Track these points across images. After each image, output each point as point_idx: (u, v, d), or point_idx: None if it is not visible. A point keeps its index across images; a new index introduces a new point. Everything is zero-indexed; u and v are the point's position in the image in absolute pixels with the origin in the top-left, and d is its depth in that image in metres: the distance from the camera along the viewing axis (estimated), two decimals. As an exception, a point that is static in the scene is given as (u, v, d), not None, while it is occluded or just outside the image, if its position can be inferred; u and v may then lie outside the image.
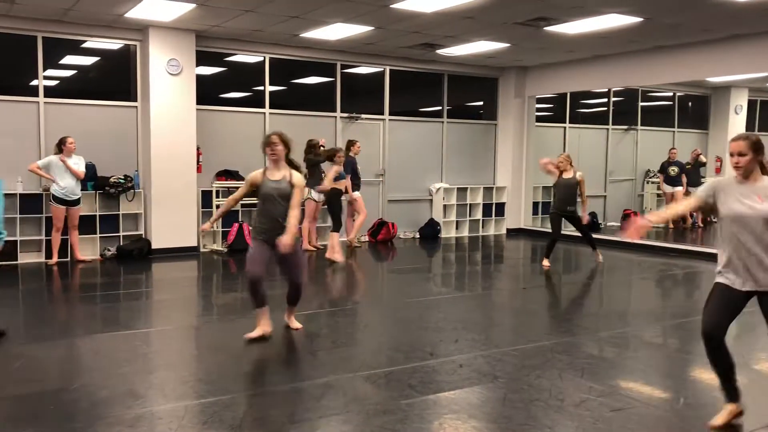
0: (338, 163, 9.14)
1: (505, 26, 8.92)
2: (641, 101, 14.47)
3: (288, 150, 5.11)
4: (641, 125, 14.52)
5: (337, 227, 9.35)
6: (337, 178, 9.21)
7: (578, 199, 9.00)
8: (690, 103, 15.39)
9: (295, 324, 5.55)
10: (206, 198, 9.98)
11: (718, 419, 3.53)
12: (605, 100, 14.26)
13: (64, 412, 3.72)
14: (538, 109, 13.27)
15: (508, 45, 10.29)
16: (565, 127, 13.71)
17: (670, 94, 14.78)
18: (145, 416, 3.70)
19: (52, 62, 9.30)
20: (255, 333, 5.14)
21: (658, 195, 13.94)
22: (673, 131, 14.81)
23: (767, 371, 4.84)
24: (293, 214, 4.97)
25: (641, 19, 8.40)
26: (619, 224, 13.80)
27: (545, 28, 8.96)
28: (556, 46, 10.28)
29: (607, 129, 14.25)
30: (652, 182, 14.16)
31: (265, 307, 5.20)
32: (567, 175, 8.85)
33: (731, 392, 3.54)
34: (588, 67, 11.48)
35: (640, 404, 3.96)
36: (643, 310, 6.88)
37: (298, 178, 5.09)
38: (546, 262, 8.91)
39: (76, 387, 4.09)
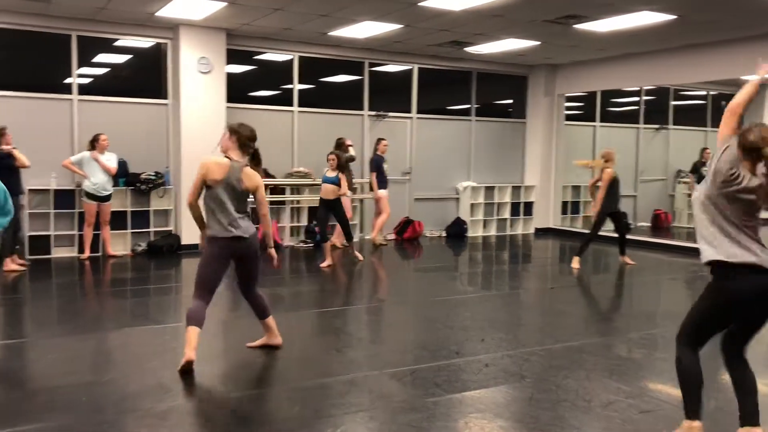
0: (330, 167, 8.57)
1: (534, 24, 8.86)
2: (673, 100, 14.25)
3: (237, 139, 4.54)
4: (673, 124, 14.29)
5: (347, 237, 8.90)
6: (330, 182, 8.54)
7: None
8: (723, 102, 14.97)
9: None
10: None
11: None
12: (636, 98, 14.07)
13: (96, 404, 3.79)
14: (568, 108, 13.15)
15: (538, 43, 10.21)
16: (595, 126, 13.56)
17: (704, 92, 14.52)
18: (174, 409, 3.75)
19: (85, 60, 9.46)
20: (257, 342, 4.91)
21: (689, 195, 13.71)
22: (706, 131, 14.55)
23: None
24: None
25: (674, 17, 8.28)
26: (649, 224, 13.62)
27: (575, 26, 8.88)
28: (587, 44, 10.18)
29: (638, 128, 14.05)
30: (684, 182, 13.94)
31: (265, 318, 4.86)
32: (614, 173, 8.68)
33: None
34: (619, 66, 11.34)
35: (669, 406, 3.90)
36: (673, 311, 6.76)
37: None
38: (576, 262, 8.78)
39: (107, 380, 4.17)
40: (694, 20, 8.46)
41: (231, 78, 9.94)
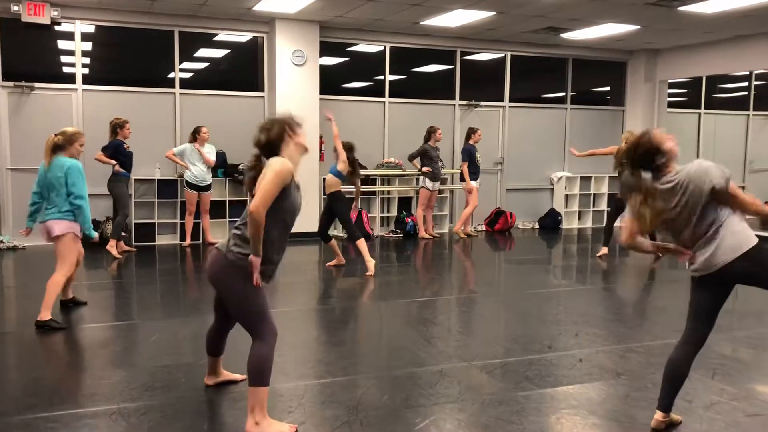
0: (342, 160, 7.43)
1: (635, 7, 8.49)
2: (788, 84, 13.35)
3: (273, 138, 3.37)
4: (787, 110, 13.39)
5: (352, 237, 7.59)
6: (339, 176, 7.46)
7: None
8: None
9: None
10: (327, 185, 10.22)
11: None
12: (746, 84, 13.25)
13: (194, 385, 3.96)
14: (670, 95, 12.57)
15: (639, 27, 9.79)
16: (699, 113, 12.90)
17: (823, 76, 13.51)
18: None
19: (187, 55, 9.86)
20: None
21: (806, 186, 12.82)
22: (825, 117, 13.54)
23: None
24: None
25: (790, -5, 7.74)
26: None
27: (679, 8, 8.44)
28: (692, 26, 9.66)
29: (748, 115, 13.26)
30: (799, 172, 13.05)
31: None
32: None
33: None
34: (728, 49, 10.71)
35: (779, 411, 3.67)
36: (786, 310, 6.35)
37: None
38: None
39: (205, 362, 4.32)
40: (813, -2, 7.87)
41: (324, 70, 10.09)
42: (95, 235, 5.42)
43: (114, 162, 8.34)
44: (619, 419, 3.54)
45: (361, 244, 7.44)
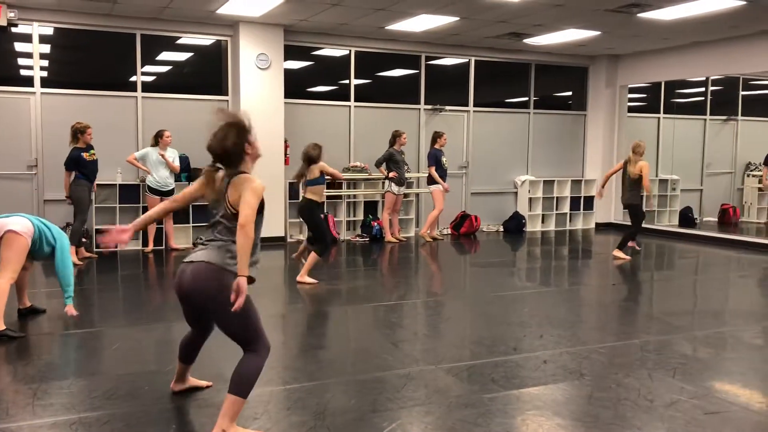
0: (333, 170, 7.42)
1: (596, 13, 8.64)
2: (742, 90, 13.70)
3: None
4: (742, 115, 13.75)
5: (320, 249, 7.07)
6: (312, 183, 7.28)
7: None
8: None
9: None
10: (293, 190, 10.18)
11: None
12: (703, 89, 13.59)
13: (158, 393, 3.89)
14: (631, 99, 12.81)
15: (599, 33, 9.97)
16: (659, 118, 13.17)
17: (776, 81, 13.92)
18: (232, 399, 3.81)
19: (149, 59, 9.72)
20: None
21: (760, 189, 13.17)
22: (778, 121, 13.95)
23: None
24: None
25: (744, 2, 7.95)
26: (716, 220, 13.16)
27: (639, 15, 8.62)
28: (651, 33, 9.88)
29: (705, 119, 13.58)
30: (754, 175, 13.39)
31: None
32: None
33: None
34: (685, 55, 10.97)
35: (737, 408, 3.75)
36: (743, 309, 6.52)
37: None
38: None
39: (169, 369, 4.26)
40: (766, 5, 8.09)
41: (289, 74, 10.05)
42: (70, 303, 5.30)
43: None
44: (583, 419, 3.58)
45: (313, 257, 7.10)
